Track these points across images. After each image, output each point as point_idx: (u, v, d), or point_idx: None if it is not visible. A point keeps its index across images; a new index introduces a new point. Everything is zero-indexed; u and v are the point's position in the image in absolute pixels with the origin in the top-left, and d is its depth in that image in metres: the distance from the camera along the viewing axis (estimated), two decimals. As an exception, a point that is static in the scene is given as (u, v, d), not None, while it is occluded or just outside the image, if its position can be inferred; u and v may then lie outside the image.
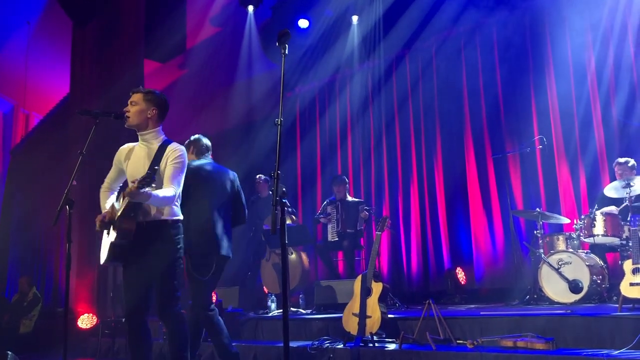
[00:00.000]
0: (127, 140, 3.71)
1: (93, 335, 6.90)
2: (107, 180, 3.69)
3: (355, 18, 8.84)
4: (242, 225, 4.80)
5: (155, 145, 3.53)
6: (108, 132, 6.95)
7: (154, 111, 3.53)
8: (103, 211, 3.58)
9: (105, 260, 3.47)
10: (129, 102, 3.55)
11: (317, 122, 9.58)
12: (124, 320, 3.53)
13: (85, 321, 7.10)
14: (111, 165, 3.72)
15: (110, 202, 3.61)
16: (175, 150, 3.49)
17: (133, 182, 3.13)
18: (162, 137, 3.60)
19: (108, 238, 3.48)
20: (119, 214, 3.35)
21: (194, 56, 9.47)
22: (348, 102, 9.23)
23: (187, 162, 3.56)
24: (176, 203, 3.52)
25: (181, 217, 3.57)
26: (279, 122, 2.85)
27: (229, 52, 9.49)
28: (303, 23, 8.95)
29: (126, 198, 3.27)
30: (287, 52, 2.96)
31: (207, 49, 9.41)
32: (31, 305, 8.52)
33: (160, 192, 3.33)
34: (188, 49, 9.43)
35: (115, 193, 3.68)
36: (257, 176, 7.61)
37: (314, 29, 8.97)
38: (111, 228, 3.44)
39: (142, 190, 3.10)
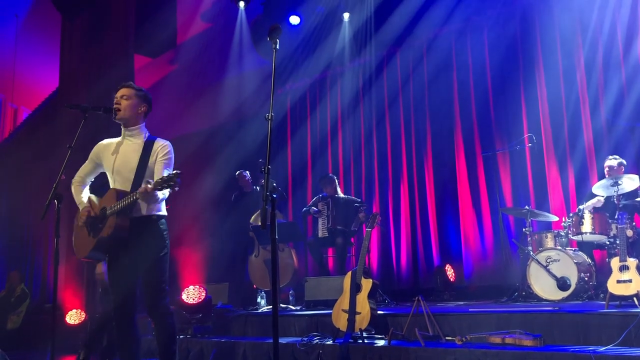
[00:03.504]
0: (117, 134, 3.70)
1: (81, 331, 6.86)
2: (80, 174, 3.65)
3: (346, 15, 8.83)
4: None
5: (141, 140, 3.55)
6: (97, 126, 6.92)
7: (144, 108, 3.58)
8: (80, 205, 3.55)
9: (86, 254, 3.46)
10: (118, 95, 3.53)
11: (307, 118, 9.57)
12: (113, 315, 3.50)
13: (74, 317, 7.05)
14: None
15: (86, 196, 3.59)
16: (164, 146, 3.52)
17: (148, 183, 3.16)
18: (147, 133, 3.62)
19: (87, 233, 3.46)
20: (115, 209, 3.32)
21: (184, 52, 9.42)
22: (339, 99, 9.23)
23: (173, 157, 3.56)
24: (163, 199, 3.52)
25: (165, 212, 3.59)
26: (269, 117, 2.84)
27: (219, 48, 9.45)
28: (294, 19, 8.93)
29: (128, 197, 3.28)
30: (278, 47, 2.95)
31: (198, 45, 9.36)
32: (19, 301, 8.45)
33: (160, 193, 3.35)
34: (179, 44, 9.38)
35: (88, 187, 3.66)
36: (238, 172, 7.54)
37: (305, 25, 8.95)
38: (96, 223, 3.42)
39: (157, 190, 3.15)
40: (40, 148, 9.84)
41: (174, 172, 3.16)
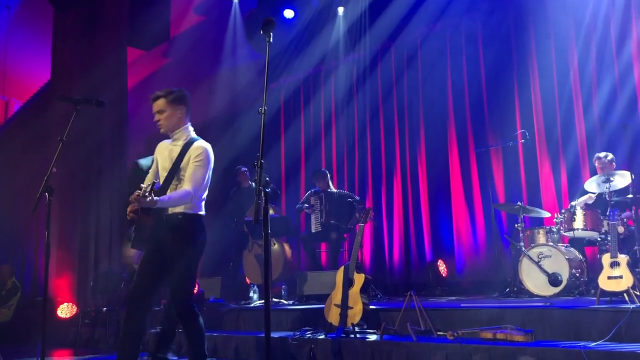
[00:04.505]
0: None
1: (73, 324, 6.83)
2: (149, 174, 3.71)
3: (340, 9, 8.81)
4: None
5: (182, 142, 3.56)
6: (89, 119, 6.89)
7: (181, 110, 3.59)
8: None
9: (132, 245, 3.49)
10: (154, 110, 3.54)
11: (301, 112, 9.55)
12: (128, 302, 3.48)
13: (65, 310, 7.02)
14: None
15: None
16: (197, 148, 3.50)
17: (139, 189, 3.17)
18: (190, 134, 3.61)
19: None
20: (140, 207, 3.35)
21: (178, 45, 9.36)
22: (333, 93, 9.22)
23: (211, 159, 3.55)
24: (201, 198, 3.52)
25: (202, 212, 3.56)
26: (262, 111, 2.83)
27: (213, 41, 9.40)
28: (288, 13, 8.90)
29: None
30: (271, 40, 2.94)
31: (191, 38, 9.31)
32: (10, 294, 8.40)
33: (174, 194, 3.37)
34: (172, 37, 9.31)
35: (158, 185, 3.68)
36: (238, 167, 7.57)
37: (299, 19, 8.92)
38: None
39: (146, 199, 3.13)
40: (32, 140, 9.75)
41: (147, 184, 3.15)
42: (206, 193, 3.58)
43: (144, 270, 3.46)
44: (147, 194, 3.12)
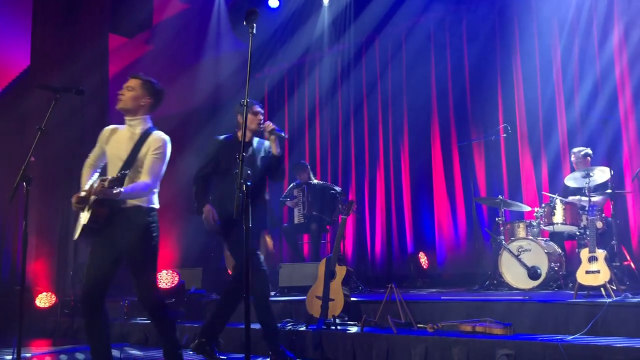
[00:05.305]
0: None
1: (51, 314, 6.76)
2: (90, 156, 3.60)
3: (326, 0, 8.75)
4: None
5: (139, 131, 3.48)
6: (69, 107, 6.78)
7: (148, 100, 3.50)
8: (82, 188, 3.49)
9: (78, 237, 3.42)
10: (124, 85, 3.49)
11: (285, 103, 9.50)
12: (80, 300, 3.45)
13: (44, 300, 6.95)
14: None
15: (91, 182, 3.51)
16: (157, 140, 3.44)
17: (103, 181, 3.13)
18: (148, 124, 3.54)
19: (82, 217, 3.41)
20: (92, 199, 3.28)
21: (160, 32, 9.23)
22: (317, 85, 9.18)
23: (169, 152, 3.50)
24: (154, 191, 3.49)
25: (157, 205, 3.52)
26: (244, 103, 2.81)
27: (197, 29, 9.30)
28: (273, 2, 8.82)
29: (94, 189, 3.23)
30: (255, 31, 2.90)
31: (175, 26, 9.18)
32: (-14, 284, 8.30)
33: (135, 186, 3.32)
34: (155, 24, 9.18)
35: (98, 172, 3.60)
36: None
37: (284, 9, 8.85)
38: (85, 209, 3.35)
39: (113, 191, 3.12)
40: (10, 129, 9.58)
41: (120, 173, 3.16)
42: (159, 187, 3.52)
43: (97, 263, 3.40)
44: (115, 185, 3.09)
